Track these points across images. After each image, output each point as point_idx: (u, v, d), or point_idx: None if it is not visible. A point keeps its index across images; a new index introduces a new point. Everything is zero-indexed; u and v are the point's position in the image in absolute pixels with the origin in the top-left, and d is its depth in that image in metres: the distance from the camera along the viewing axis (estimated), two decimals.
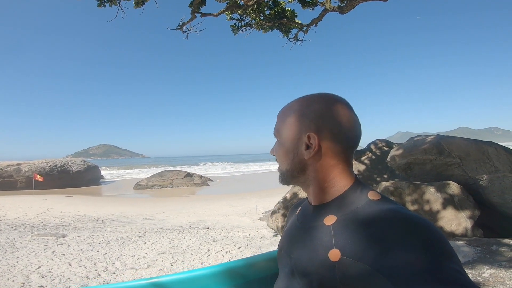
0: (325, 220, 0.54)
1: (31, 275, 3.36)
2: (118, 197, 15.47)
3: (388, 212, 0.48)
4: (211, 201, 12.33)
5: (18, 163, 19.32)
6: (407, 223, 0.45)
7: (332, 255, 0.48)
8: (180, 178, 20.85)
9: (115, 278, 3.43)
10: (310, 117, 0.57)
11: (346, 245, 0.48)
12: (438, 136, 3.56)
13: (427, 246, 0.42)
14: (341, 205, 0.54)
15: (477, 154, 3.20)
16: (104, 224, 7.65)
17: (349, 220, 0.51)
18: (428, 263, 0.40)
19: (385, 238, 0.44)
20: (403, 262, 0.41)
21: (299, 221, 0.63)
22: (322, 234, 0.53)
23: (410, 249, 0.42)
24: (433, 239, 0.43)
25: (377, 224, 0.47)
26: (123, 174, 32.54)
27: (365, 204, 0.52)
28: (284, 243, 0.64)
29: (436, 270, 0.39)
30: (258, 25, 3.25)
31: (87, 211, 9.84)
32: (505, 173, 3.11)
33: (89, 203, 12.32)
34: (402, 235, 0.43)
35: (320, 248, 0.51)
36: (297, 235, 0.60)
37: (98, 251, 4.72)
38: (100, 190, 19.28)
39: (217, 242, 5.21)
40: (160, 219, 8.64)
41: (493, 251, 2.64)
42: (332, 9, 2.95)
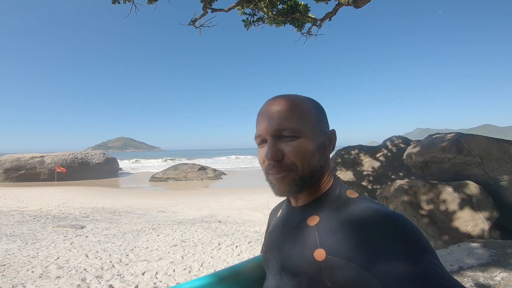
0: (308, 221, 0.55)
1: (49, 266, 3.53)
2: (134, 189, 15.97)
3: (369, 211, 0.49)
4: (224, 195, 12.47)
5: (41, 155, 20.27)
6: (388, 221, 0.46)
7: (318, 254, 0.49)
8: (194, 171, 21.22)
9: (128, 269, 3.54)
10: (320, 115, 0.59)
11: (330, 244, 0.49)
12: (458, 134, 3.38)
13: (407, 242, 0.43)
14: (322, 204, 0.55)
15: (499, 154, 3.02)
16: (120, 216, 7.92)
17: (332, 219, 0.52)
18: (409, 258, 0.41)
19: (368, 236, 0.45)
20: (386, 258, 0.42)
21: (281, 223, 0.63)
22: (306, 235, 0.53)
23: (392, 246, 0.43)
24: (412, 235, 0.45)
25: (360, 222, 0.48)
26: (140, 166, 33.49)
27: (345, 202, 0.53)
28: (268, 246, 0.65)
29: (417, 265, 0.41)
30: (271, 20, 3.18)
31: (105, 203, 10.23)
32: None
33: (107, 195, 12.79)
34: (383, 233, 0.45)
35: (305, 249, 0.52)
36: (281, 238, 0.60)
37: (114, 242, 4.89)
38: (118, 182, 19.96)
39: (228, 236, 5.27)
40: (174, 211, 8.85)
41: (508, 254, 2.53)
42: (347, 2, 2.83)
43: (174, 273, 3.43)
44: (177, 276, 3.34)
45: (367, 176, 4.69)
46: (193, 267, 3.69)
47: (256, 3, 3.03)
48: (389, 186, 3.60)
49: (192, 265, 3.74)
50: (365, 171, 4.75)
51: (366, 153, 4.99)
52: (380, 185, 4.56)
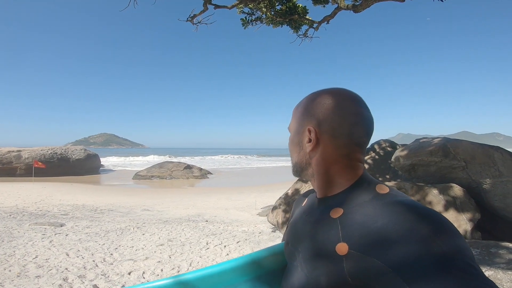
0: (331, 213, 0.53)
1: (28, 264, 3.34)
2: (117, 187, 15.50)
3: (397, 205, 0.46)
4: (210, 194, 12.34)
5: (18, 150, 19.30)
6: (416, 215, 0.43)
7: (340, 248, 0.47)
8: (180, 170, 20.87)
9: (113, 269, 3.42)
10: (312, 111, 0.58)
11: (353, 238, 0.47)
12: (444, 138, 3.51)
13: (438, 240, 0.40)
14: (347, 198, 0.54)
15: (483, 158, 3.15)
16: (102, 214, 7.66)
17: (357, 213, 0.50)
18: (439, 257, 0.38)
19: (394, 231, 0.43)
20: (413, 256, 0.40)
21: (305, 213, 0.62)
22: (328, 227, 0.52)
23: (420, 243, 0.40)
24: (444, 232, 0.41)
25: (386, 217, 0.45)
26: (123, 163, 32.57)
27: (373, 197, 0.51)
28: (290, 236, 0.64)
29: (448, 264, 0.38)
30: (269, 20, 3.17)
31: (85, 200, 9.85)
32: (509, 178, 3.07)
33: (88, 192, 12.34)
34: (411, 228, 0.42)
35: (327, 242, 0.50)
36: (303, 228, 0.59)
37: (96, 241, 4.71)
38: (100, 179, 19.31)
39: (215, 236, 5.21)
40: (159, 210, 8.65)
41: (492, 254, 2.64)
42: (346, 7, 2.87)
43: (162, 273, 3.34)
44: (165, 276, 3.25)
45: None
46: (182, 266, 3.61)
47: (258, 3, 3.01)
48: None
49: (180, 265, 3.66)
50: None
51: None
52: None
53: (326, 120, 0.56)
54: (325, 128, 0.57)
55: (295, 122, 0.63)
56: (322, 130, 0.57)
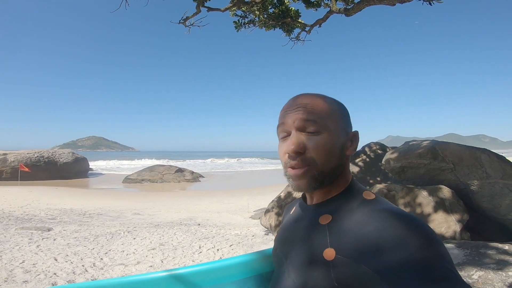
0: (320, 219, 0.54)
1: (14, 269, 3.24)
2: (107, 190, 15.19)
3: (383, 212, 0.48)
4: (202, 198, 12.24)
5: (4, 153, 18.71)
6: (401, 223, 0.45)
7: (327, 254, 0.48)
8: (171, 173, 20.64)
9: (103, 274, 3.35)
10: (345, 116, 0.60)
11: (341, 244, 0.48)
12: (433, 141, 3.61)
13: (421, 246, 0.42)
14: (337, 205, 0.55)
15: (470, 160, 3.25)
16: (91, 218, 7.49)
17: (345, 219, 0.51)
18: (422, 263, 0.40)
19: (380, 237, 0.44)
20: (398, 261, 0.41)
21: (294, 220, 0.62)
22: (317, 233, 0.53)
23: (405, 249, 0.41)
24: (427, 238, 0.43)
25: (372, 223, 0.46)
26: (112, 167, 31.97)
27: (360, 203, 0.52)
28: (279, 242, 0.64)
29: (430, 270, 0.39)
30: (262, 23, 3.20)
31: (74, 204, 9.62)
32: (496, 179, 3.17)
33: (76, 196, 12.04)
34: (396, 235, 0.43)
35: (315, 247, 0.51)
36: (292, 234, 0.60)
37: (85, 246, 4.60)
38: (88, 183, 18.89)
39: (208, 239, 5.17)
40: (150, 214, 8.52)
41: (482, 254, 2.70)
42: (338, 11, 2.93)
43: None
44: None
45: None
46: None
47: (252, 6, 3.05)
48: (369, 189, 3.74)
49: None
50: None
51: None
52: None
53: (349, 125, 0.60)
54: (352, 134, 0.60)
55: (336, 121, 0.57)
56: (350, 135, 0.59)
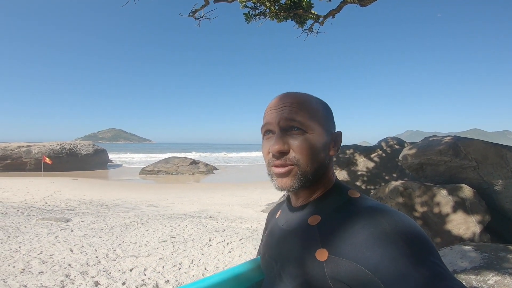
0: (309, 221, 0.54)
1: (32, 260, 3.37)
2: (124, 182, 15.69)
3: (371, 210, 0.48)
4: (215, 190, 12.37)
5: (28, 145, 19.67)
6: (390, 220, 0.46)
7: (320, 254, 0.49)
8: (186, 165, 21.01)
9: (115, 265, 3.43)
10: (329, 116, 0.60)
11: (333, 244, 0.48)
12: (455, 137, 3.38)
13: (410, 242, 0.43)
14: (323, 204, 0.55)
15: (495, 158, 3.02)
16: (108, 210, 7.74)
17: (334, 219, 0.51)
18: (413, 258, 0.41)
19: (370, 235, 0.45)
20: (388, 258, 0.41)
21: (281, 223, 0.62)
22: (307, 235, 0.53)
23: (394, 245, 0.42)
24: (415, 235, 0.44)
25: (361, 221, 0.47)
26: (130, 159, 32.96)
27: (347, 202, 0.53)
28: (267, 247, 0.64)
29: (420, 265, 0.40)
30: (273, 15, 3.07)
31: (92, 196, 9.99)
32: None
33: (95, 187, 12.51)
34: (385, 232, 0.44)
35: (306, 249, 0.51)
36: (281, 238, 0.59)
37: (101, 237, 4.75)
38: (107, 174, 19.59)
39: (218, 233, 5.19)
40: (164, 206, 8.71)
41: (501, 258, 2.54)
42: (353, 1, 2.76)
43: (163, 270, 3.33)
44: (166, 273, 3.24)
45: (361, 176, 4.67)
46: (183, 263, 3.59)
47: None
48: (384, 187, 3.58)
49: (182, 262, 3.65)
50: (359, 171, 4.73)
51: (361, 153, 4.96)
52: (374, 185, 4.55)
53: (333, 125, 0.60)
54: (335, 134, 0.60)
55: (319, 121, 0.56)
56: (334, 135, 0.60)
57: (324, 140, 0.56)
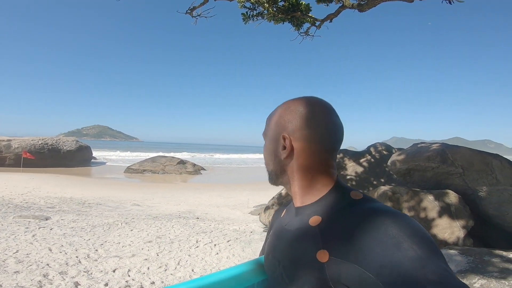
0: (310, 221, 0.54)
1: (7, 259, 3.19)
2: (108, 180, 15.24)
3: (373, 211, 0.48)
4: (202, 191, 12.21)
5: (8, 139, 18.82)
6: (393, 222, 0.44)
7: (320, 256, 0.48)
8: (173, 165, 20.65)
9: (97, 266, 3.29)
10: (286, 118, 0.60)
11: (333, 245, 0.48)
12: (443, 144, 3.47)
13: (415, 245, 0.41)
14: (324, 205, 0.55)
15: (481, 166, 3.11)
16: (90, 208, 7.48)
17: (335, 220, 0.51)
18: (417, 262, 0.39)
19: (371, 237, 0.44)
20: (390, 260, 0.40)
21: (284, 223, 0.62)
22: (308, 235, 0.53)
23: (397, 248, 0.41)
24: (419, 237, 0.43)
25: (363, 223, 0.46)
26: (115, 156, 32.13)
27: (349, 203, 0.52)
28: (271, 247, 0.64)
29: (425, 269, 0.39)
30: (270, 16, 3.06)
31: (74, 193, 9.63)
32: (506, 186, 3.03)
33: (77, 184, 12.08)
34: (388, 234, 0.43)
35: (307, 250, 0.51)
36: (283, 238, 0.60)
37: (81, 236, 4.56)
38: (90, 172, 18.99)
39: (206, 234, 5.10)
40: (149, 205, 8.50)
41: (485, 262, 2.62)
42: (351, 6, 2.78)
43: (148, 271, 3.22)
44: (151, 274, 3.14)
45: (350, 181, 4.71)
46: (169, 265, 3.49)
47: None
48: (373, 192, 3.61)
49: (168, 263, 3.54)
50: (348, 175, 4.77)
51: (350, 158, 5.02)
52: (362, 190, 4.60)
53: (300, 128, 0.58)
54: (298, 135, 0.57)
55: (269, 130, 0.63)
56: (295, 137, 0.58)
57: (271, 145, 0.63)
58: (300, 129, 0.58)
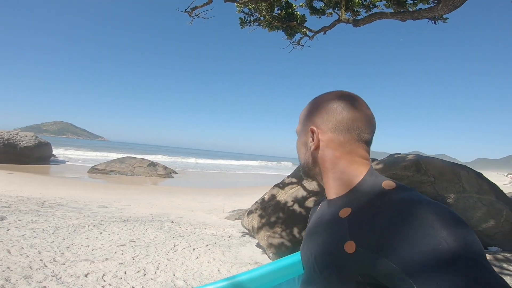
0: (340, 213, 0.55)
1: None
2: (70, 179, 14.12)
3: (405, 202, 0.46)
4: (175, 194, 11.80)
5: None
6: (422, 212, 0.43)
7: (348, 246, 0.48)
8: (143, 167, 19.73)
9: (65, 270, 3.01)
10: (315, 112, 0.62)
11: (361, 236, 0.48)
12: (417, 155, 3.75)
13: (445, 236, 0.39)
14: (355, 197, 0.55)
15: (450, 175, 3.40)
16: (51, 209, 6.86)
17: (364, 211, 0.50)
18: (446, 254, 0.37)
19: (399, 229, 0.42)
20: (419, 253, 0.39)
21: (317, 216, 0.64)
22: (337, 227, 0.53)
23: (426, 239, 0.39)
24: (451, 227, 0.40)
25: (393, 214, 0.45)
26: (77, 156, 29.95)
27: (380, 194, 0.52)
28: (306, 239, 0.66)
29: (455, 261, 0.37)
30: (266, 23, 3.11)
31: (31, 192, 8.78)
32: (471, 193, 3.34)
33: (35, 183, 11.06)
34: (417, 225, 0.41)
35: (336, 241, 0.52)
36: (315, 230, 0.61)
37: (44, 238, 4.17)
38: (49, 170, 17.49)
39: (183, 238, 4.92)
40: (118, 208, 8.01)
41: None
42: (347, 20, 2.93)
43: (125, 276, 3.02)
44: (130, 279, 2.94)
45: None
46: (148, 269, 3.31)
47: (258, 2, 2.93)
48: None
49: (146, 267, 3.35)
50: None
51: None
52: None
53: (327, 120, 0.59)
54: (326, 127, 0.59)
55: (300, 124, 0.67)
56: (323, 129, 0.60)
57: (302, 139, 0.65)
58: (327, 122, 0.59)
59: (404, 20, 2.64)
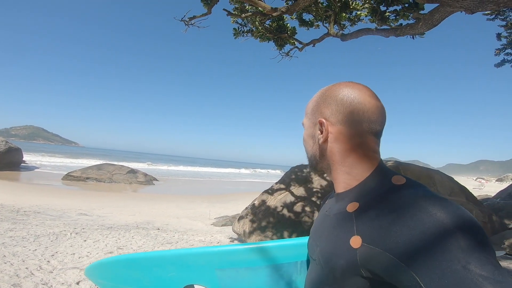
0: (348, 207, 0.54)
1: None
2: (44, 186, 13.40)
3: (412, 198, 0.45)
4: (158, 201, 11.56)
5: None
6: (431, 208, 0.42)
7: (354, 241, 0.48)
8: (122, 174, 19.08)
9: (55, 278, 2.94)
10: (322, 104, 0.60)
11: (367, 231, 0.47)
12: (396, 162, 4.06)
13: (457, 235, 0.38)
14: (363, 191, 0.53)
15: (426, 179, 3.73)
16: (27, 217, 6.54)
17: (371, 206, 0.49)
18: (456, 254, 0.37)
19: (406, 225, 0.42)
20: (426, 251, 0.38)
21: (325, 209, 0.64)
22: (344, 221, 0.53)
23: (433, 237, 0.39)
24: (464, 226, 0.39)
25: (398, 210, 0.44)
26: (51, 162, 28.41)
27: (388, 189, 0.50)
28: (312, 232, 0.66)
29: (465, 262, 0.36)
30: (259, 34, 3.29)
31: (4, 200, 8.29)
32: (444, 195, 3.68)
33: (7, 190, 10.43)
34: (424, 222, 0.40)
35: (342, 235, 0.51)
36: (322, 223, 0.61)
37: (25, 246, 4.01)
38: (20, 177, 16.49)
39: (171, 245, 4.90)
40: (100, 215, 7.75)
41: None
42: (335, 34, 3.17)
43: None
44: None
45: (316, 193, 5.08)
46: None
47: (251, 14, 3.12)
48: None
49: None
50: (314, 188, 5.15)
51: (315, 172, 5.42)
52: None
53: (336, 112, 0.57)
54: (335, 119, 0.57)
55: (307, 117, 0.64)
56: (332, 121, 0.57)
57: (309, 131, 0.63)
58: (336, 113, 0.57)
59: (387, 36, 2.94)
